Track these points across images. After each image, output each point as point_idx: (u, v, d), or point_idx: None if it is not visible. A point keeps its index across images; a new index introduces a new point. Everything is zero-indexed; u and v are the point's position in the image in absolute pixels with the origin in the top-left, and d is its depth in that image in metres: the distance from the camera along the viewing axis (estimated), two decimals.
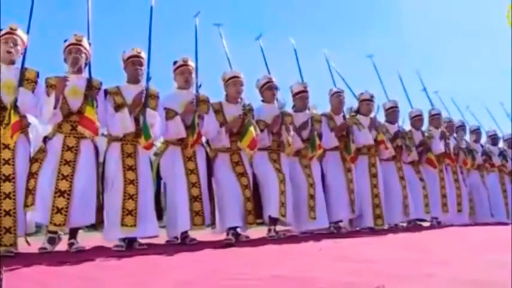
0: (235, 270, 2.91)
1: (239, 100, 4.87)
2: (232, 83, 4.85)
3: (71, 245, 3.87)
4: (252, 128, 4.69)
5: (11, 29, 3.83)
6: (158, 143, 4.82)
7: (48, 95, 3.84)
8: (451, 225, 6.71)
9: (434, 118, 7.22)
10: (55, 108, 3.78)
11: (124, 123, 4.10)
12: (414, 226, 6.38)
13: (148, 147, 4.19)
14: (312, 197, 5.29)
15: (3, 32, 3.82)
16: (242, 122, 4.70)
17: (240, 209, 4.68)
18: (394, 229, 5.96)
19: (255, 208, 4.82)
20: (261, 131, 4.93)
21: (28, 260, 3.28)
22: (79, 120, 3.90)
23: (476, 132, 8.10)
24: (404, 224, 6.49)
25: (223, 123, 4.79)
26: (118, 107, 4.12)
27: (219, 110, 4.81)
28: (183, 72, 4.56)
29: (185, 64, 4.58)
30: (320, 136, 5.47)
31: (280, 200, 4.86)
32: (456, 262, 3.19)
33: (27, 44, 3.89)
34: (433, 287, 2.42)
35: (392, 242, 4.82)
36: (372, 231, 5.70)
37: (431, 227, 6.44)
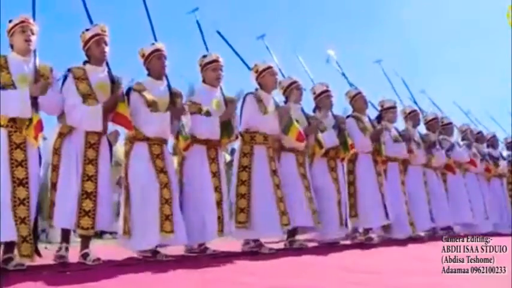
0: (237, 280, 3.00)
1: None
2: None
3: (85, 256, 3.65)
4: (295, 121, 4.83)
5: (26, 18, 3.57)
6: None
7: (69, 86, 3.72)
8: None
9: (447, 128, 7.24)
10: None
11: (163, 127, 4.02)
12: (418, 237, 6.33)
13: (187, 149, 4.18)
14: (339, 203, 5.35)
15: (17, 21, 3.55)
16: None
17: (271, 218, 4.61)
18: (401, 241, 5.79)
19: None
20: None
21: (28, 268, 3.24)
22: (112, 117, 3.79)
23: (493, 139, 8.13)
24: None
25: None
26: (150, 105, 4.01)
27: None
28: (215, 69, 4.57)
29: (218, 60, 4.61)
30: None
31: (310, 208, 4.95)
32: None
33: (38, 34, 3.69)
34: None
35: (398, 252, 4.91)
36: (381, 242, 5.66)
37: (436, 238, 6.32)
